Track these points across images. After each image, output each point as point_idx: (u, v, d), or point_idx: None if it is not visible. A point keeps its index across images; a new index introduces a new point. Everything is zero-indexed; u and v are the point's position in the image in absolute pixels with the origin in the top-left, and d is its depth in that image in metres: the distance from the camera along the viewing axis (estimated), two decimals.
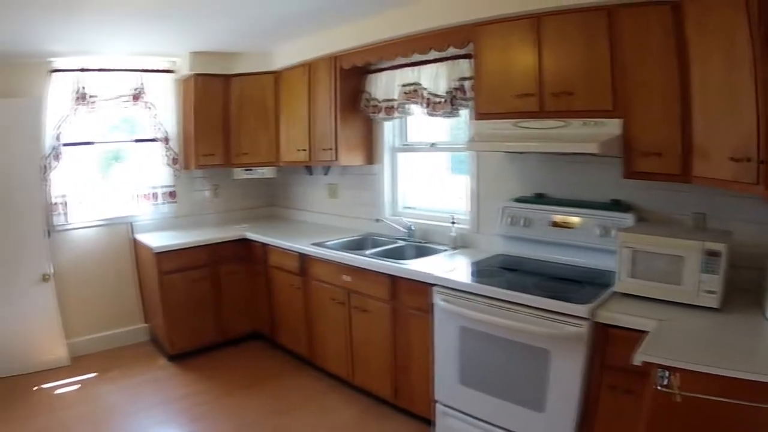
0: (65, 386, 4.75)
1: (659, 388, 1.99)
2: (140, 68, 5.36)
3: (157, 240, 5.11)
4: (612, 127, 2.81)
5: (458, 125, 4.42)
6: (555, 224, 3.41)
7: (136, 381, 4.80)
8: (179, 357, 5.12)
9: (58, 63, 4.97)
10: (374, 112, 4.61)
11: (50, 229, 5.04)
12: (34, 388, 4.67)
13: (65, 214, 5.15)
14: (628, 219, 3.09)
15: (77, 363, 5.14)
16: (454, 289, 3.23)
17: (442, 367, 3.38)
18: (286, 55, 5.14)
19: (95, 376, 4.92)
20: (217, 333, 5.28)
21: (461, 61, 3.84)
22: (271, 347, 5.35)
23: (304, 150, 5.04)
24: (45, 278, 4.88)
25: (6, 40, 4.14)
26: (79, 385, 4.76)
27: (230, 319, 5.33)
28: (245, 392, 4.50)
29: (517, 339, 2.90)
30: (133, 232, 5.56)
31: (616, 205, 3.22)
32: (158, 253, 4.89)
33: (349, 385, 4.35)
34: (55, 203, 5.08)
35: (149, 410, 4.28)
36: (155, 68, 5.47)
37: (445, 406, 3.40)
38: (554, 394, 2.76)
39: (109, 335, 5.52)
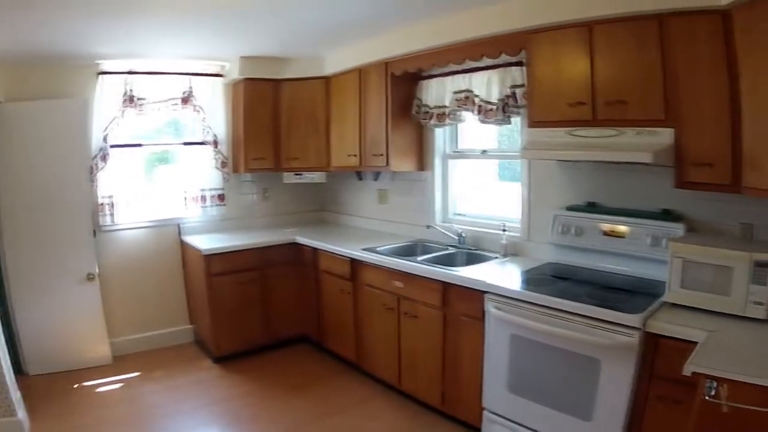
0: (107, 385, 4.94)
1: (707, 398, 2.04)
2: (189, 72, 5.57)
3: (205, 242, 5.31)
4: (664, 136, 2.87)
5: (503, 132, 4.58)
6: (606, 233, 3.49)
7: (180, 382, 4.96)
8: (225, 359, 5.30)
9: (106, 65, 5.20)
10: (426, 119, 4.74)
11: (96, 229, 5.30)
12: (75, 386, 4.87)
13: (112, 214, 5.39)
14: (678, 229, 3.16)
15: (120, 362, 5.36)
16: (506, 297, 3.32)
17: (492, 374, 3.48)
18: (336, 60, 5.32)
19: (138, 376, 5.12)
20: (263, 336, 5.44)
21: (513, 68, 3.94)
22: (317, 351, 5.51)
23: (355, 155, 5.20)
24: (90, 278, 5.13)
25: (55, 42, 4.34)
26: (121, 384, 4.96)
27: (277, 322, 5.50)
28: (291, 395, 4.63)
29: (568, 348, 2.98)
30: (180, 234, 5.78)
31: (666, 215, 3.28)
32: (207, 256, 5.07)
33: (396, 391, 4.46)
34: (102, 204, 5.33)
35: (192, 411, 4.43)
36: (204, 72, 5.67)
37: (493, 413, 3.50)
38: (602, 403, 2.84)
39: (153, 336, 5.77)
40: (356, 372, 4.94)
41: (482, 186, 4.92)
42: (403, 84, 4.78)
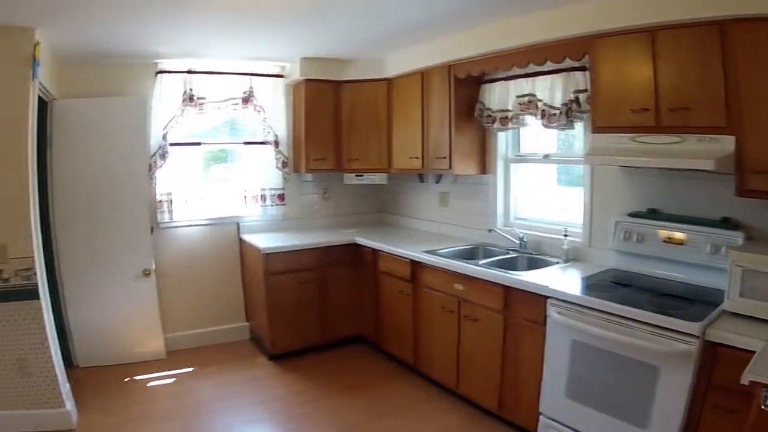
0: (159, 379, 5.18)
1: (764, 407, 2.10)
2: (249, 72, 5.83)
3: (265, 241, 5.56)
4: (726, 143, 2.94)
5: (560, 137, 4.71)
6: (666, 240, 3.56)
7: (234, 378, 5.17)
8: (280, 357, 5.55)
9: (165, 64, 5.53)
10: (489, 122, 4.87)
11: (154, 226, 5.59)
12: (126, 380, 5.12)
13: (170, 211, 5.69)
14: (738, 237, 3.21)
15: (173, 357, 5.62)
16: (569, 302, 3.43)
17: (551, 379, 3.59)
18: (398, 62, 5.51)
19: (191, 372, 5.36)
20: (320, 335, 5.67)
21: (576, 73, 4.05)
22: (373, 352, 5.70)
23: (418, 158, 5.37)
24: (146, 273, 5.41)
25: (114, 41, 4.61)
26: (174, 379, 5.19)
27: (334, 322, 5.72)
28: (346, 395, 4.80)
29: (628, 354, 3.08)
30: (240, 233, 6.05)
31: (726, 223, 3.34)
32: (267, 254, 5.32)
33: (453, 394, 4.59)
34: (161, 201, 5.63)
35: (245, 407, 4.62)
36: (265, 72, 5.93)
37: (550, 419, 3.61)
38: (659, 411, 2.93)
39: (208, 332, 6.08)
40: (412, 374, 5.09)
41: (542, 190, 5.01)
42: (465, 87, 4.92)
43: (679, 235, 3.51)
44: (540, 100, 4.37)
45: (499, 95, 4.76)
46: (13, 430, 4.14)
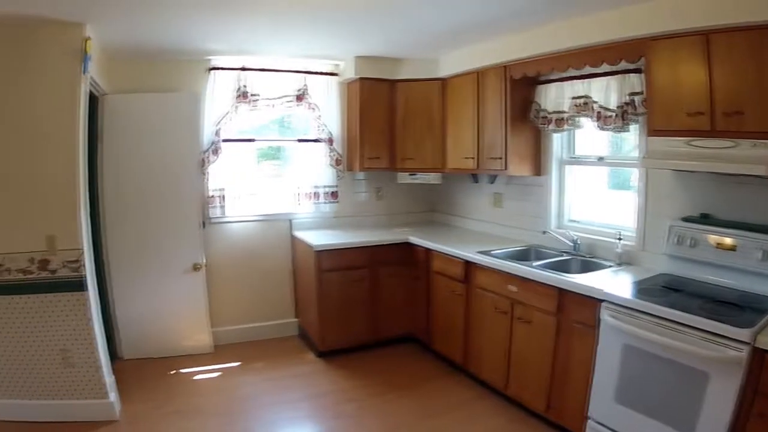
0: (205, 373, 5.34)
1: None
2: (303, 70, 5.97)
3: (317, 238, 5.71)
4: None
5: (610, 139, 4.75)
6: (718, 246, 3.58)
7: (281, 374, 5.31)
8: (328, 354, 5.69)
9: (218, 61, 5.70)
10: (544, 124, 4.91)
11: (205, 221, 5.79)
12: (171, 372, 5.30)
13: (222, 207, 5.86)
14: None
15: (221, 351, 5.80)
16: (622, 306, 3.45)
17: (600, 383, 3.63)
18: (452, 62, 5.61)
19: (238, 366, 5.52)
20: (369, 333, 5.80)
21: (632, 75, 4.08)
22: (422, 351, 5.80)
23: (472, 158, 5.45)
24: (196, 267, 5.60)
25: (166, 39, 4.78)
26: (220, 374, 5.34)
27: (385, 321, 5.84)
28: (393, 394, 4.88)
29: (678, 359, 3.11)
30: (292, 229, 6.22)
31: None
32: (319, 251, 5.46)
33: (500, 395, 4.68)
34: (212, 196, 5.80)
35: (291, 403, 4.73)
36: (318, 70, 6.06)
37: (597, 423, 3.65)
38: (706, 417, 2.97)
39: (256, 327, 6.28)
40: (461, 374, 5.18)
41: (595, 193, 5.04)
42: (520, 87, 4.97)
43: (730, 241, 3.52)
44: (595, 102, 4.40)
45: (555, 96, 4.80)
46: (56, 419, 4.28)
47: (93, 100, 4.98)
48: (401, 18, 4.28)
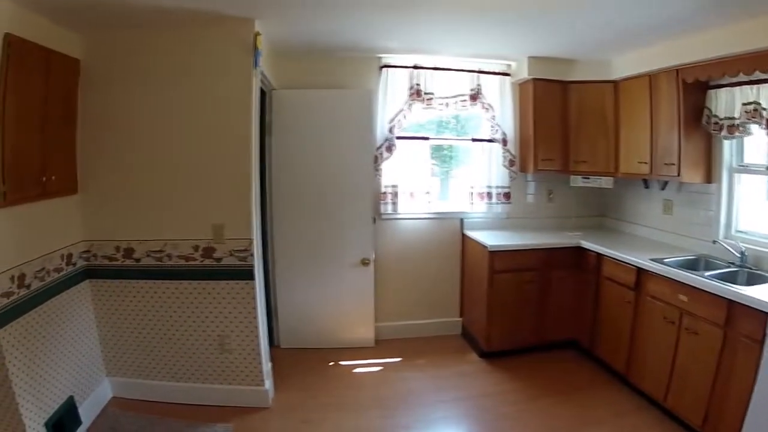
0: (365, 366, 5.57)
1: None
2: (476, 69, 6.12)
3: (491, 238, 5.87)
4: None
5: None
6: None
7: (442, 372, 5.44)
8: (491, 355, 5.83)
9: (391, 59, 5.97)
10: (716, 130, 4.79)
11: (376, 217, 6.08)
12: (330, 364, 5.56)
13: (394, 203, 6.15)
14: None
15: (381, 346, 6.08)
16: None
17: (760, 401, 3.55)
18: (625, 65, 5.60)
19: (399, 361, 5.72)
20: (534, 336, 5.92)
21: None
22: (584, 357, 5.82)
23: (646, 163, 5.39)
24: (365, 263, 5.88)
25: (337, 36, 5.01)
26: (381, 368, 5.55)
27: (550, 324, 5.94)
28: (554, 399, 4.94)
29: None
30: (463, 229, 6.43)
31: None
32: (492, 252, 5.62)
33: (657, 406, 4.64)
34: (385, 192, 6.10)
35: (451, 402, 4.86)
36: (491, 70, 6.20)
37: None
38: None
39: (419, 324, 6.54)
40: (620, 383, 5.17)
41: (762, 203, 4.87)
42: (692, 92, 4.89)
43: None
44: (765, 109, 4.27)
45: (726, 102, 4.68)
46: (210, 403, 4.68)
47: (262, 95, 5.32)
48: (573, 20, 4.39)
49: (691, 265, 4.81)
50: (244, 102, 4.43)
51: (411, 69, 6.01)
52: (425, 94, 6.05)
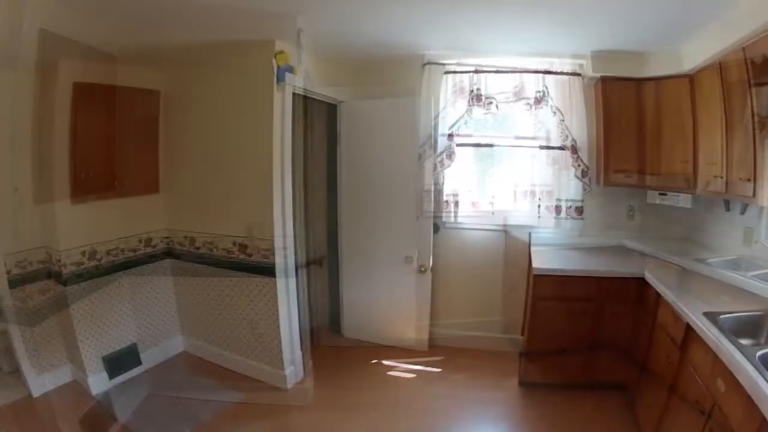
0: (403, 371, 4.84)
1: None
2: (542, 70, 4.77)
3: (545, 260, 4.47)
4: None
5: None
6: None
7: (472, 394, 4.37)
8: (530, 385, 4.49)
9: (451, 65, 4.92)
10: None
11: (439, 225, 5.24)
12: (372, 361, 4.96)
13: (454, 212, 5.14)
14: None
15: (432, 351, 5.20)
16: None
17: None
18: (695, 51, 3.80)
19: (438, 372, 4.83)
20: (579, 372, 4.31)
21: None
22: (626, 406, 4.04)
23: (721, 177, 3.56)
24: (422, 270, 5.17)
25: (401, 42, 4.39)
26: (414, 375, 4.80)
27: (599, 363, 4.21)
28: None
29: None
30: (530, 243, 4.97)
31: None
32: (537, 276, 4.21)
33: None
34: (446, 201, 5.15)
35: (481, 422, 4.02)
36: (558, 71, 4.75)
37: None
38: None
39: (472, 336, 5.26)
40: None
41: None
42: None
43: None
44: None
45: None
46: (245, 373, 4.57)
47: (332, 108, 5.39)
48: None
49: (752, 331, 2.80)
50: (266, 121, 4.17)
51: (471, 73, 4.89)
52: (486, 98, 4.88)
